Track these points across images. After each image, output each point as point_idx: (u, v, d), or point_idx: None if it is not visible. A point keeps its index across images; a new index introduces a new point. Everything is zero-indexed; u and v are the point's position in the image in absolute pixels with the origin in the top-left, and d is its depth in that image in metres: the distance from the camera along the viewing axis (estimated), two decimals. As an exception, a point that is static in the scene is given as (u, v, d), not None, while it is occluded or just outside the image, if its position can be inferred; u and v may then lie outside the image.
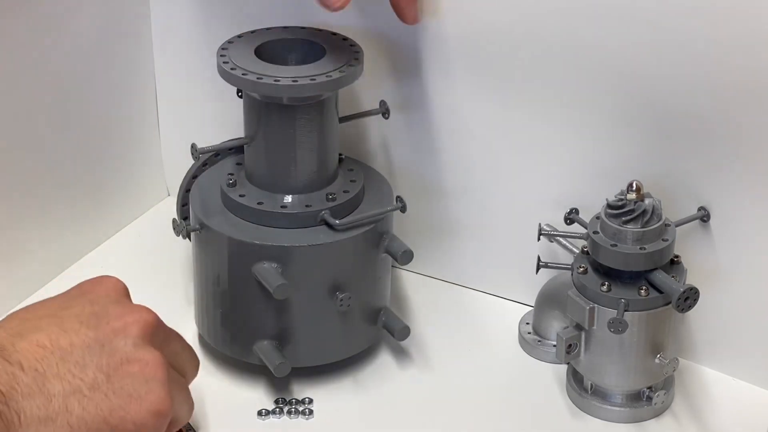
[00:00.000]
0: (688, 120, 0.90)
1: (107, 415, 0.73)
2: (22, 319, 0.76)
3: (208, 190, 0.95)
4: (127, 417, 0.74)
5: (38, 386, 0.72)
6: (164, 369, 0.76)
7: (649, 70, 0.89)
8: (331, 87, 0.89)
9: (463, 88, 0.97)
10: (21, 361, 0.72)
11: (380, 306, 0.95)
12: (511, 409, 0.93)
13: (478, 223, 1.02)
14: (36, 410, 0.71)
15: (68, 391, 0.73)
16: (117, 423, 0.74)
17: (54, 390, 0.72)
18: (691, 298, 0.86)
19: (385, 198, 0.95)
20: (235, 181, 0.93)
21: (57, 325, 0.75)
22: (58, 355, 0.73)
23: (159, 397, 0.75)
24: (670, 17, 0.86)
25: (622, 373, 0.90)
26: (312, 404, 0.93)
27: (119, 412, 0.74)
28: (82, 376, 0.73)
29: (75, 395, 0.73)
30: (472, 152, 1.00)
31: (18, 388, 0.71)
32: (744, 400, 0.94)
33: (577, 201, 0.95)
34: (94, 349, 0.75)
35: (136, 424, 0.74)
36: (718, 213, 0.92)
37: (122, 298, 0.81)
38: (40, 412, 0.71)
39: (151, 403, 0.75)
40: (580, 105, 0.93)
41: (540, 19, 0.91)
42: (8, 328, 0.75)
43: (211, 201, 0.93)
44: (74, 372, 0.73)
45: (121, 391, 0.74)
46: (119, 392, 0.74)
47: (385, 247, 0.93)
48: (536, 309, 0.99)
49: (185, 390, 0.81)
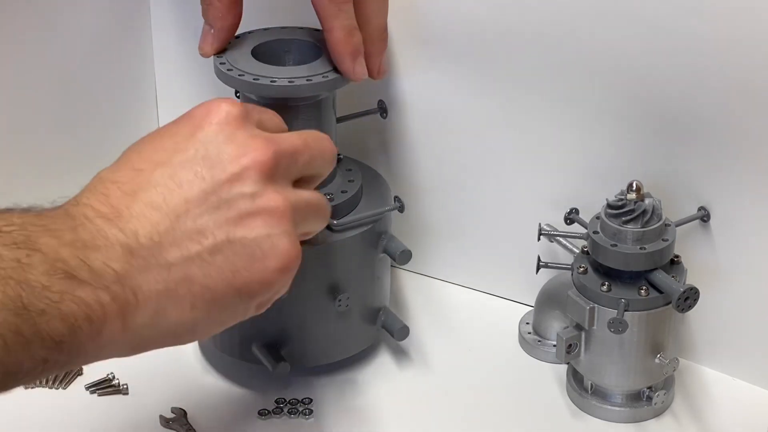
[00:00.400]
0: (688, 120, 0.90)
1: (231, 278, 0.67)
2: (136, 171, 0.69)
3: None
4: (252, 278, 0.68)
5: (155, 257, 0.66)
6: (289, 216, 0.70)
7: (650, 69, 0.89)
8: (327, 87, 0.89)
9: (462, 87, 0.97)
10: (137, 231, 0.66)
11: (379, 306, 0.95)
12: (511, 409, 0.93)
13: (477, 222, 1.02)
14: (154, 284, 0.65)
15: (187, 257, 0.66)
16: (242, 285, 0.68)
17: (172, 259, 0.66)
18: (691, 298, 0.86)
19: (384, 198, 0.95)
20: None
21: (170, 178, 0.68)
22: (174, 218, 0.67)
23: (284, 251, 0.69)
24: (670, 17, 0.86)
25: (622, 373, 0.90)
26: (312, 404, 0.93)
27: (243, 274, 0.68)
28: (201, 239, 0.67)
29: (195, 262, 0.67)
30: (472, 152, 0.99)
31: (134, 262, 0.65)
32: (744, 400, 0.94)
33: (577, 201, 0.95)
34: (210, 206, 0.68)
35: (263, 284, 0.69)
36: (718, 213, 0.92)
37: (237, 130, 0.71)
38: (159, 286, 0.65)
39: (276, 260, 0.69)
40: (581, 105, 0.93)
41: (541, 19, 0.91)
42: (121, 182, 0.68)
43: None
44: (191, 235, 0.67)
45: (244, 251, 0.68)
46: (241, 252, 0.68)
47: (383, 247, 0.92)
48: (536, 309, 0.99)
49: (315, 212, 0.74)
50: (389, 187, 0.96)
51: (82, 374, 0.95)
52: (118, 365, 0.95)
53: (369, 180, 0.96)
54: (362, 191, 0.94)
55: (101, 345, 0.64)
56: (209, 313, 0.68)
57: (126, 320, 0.64)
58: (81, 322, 0.62)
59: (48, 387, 0.94)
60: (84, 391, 0.94)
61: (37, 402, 0.93)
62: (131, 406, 0.93)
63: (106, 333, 0.63)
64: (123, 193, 0.67)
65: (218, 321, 0.70)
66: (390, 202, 0.94)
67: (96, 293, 0.63)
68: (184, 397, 0.93)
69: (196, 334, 0.70)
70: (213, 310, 0.68)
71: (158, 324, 0.66)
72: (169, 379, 0.95)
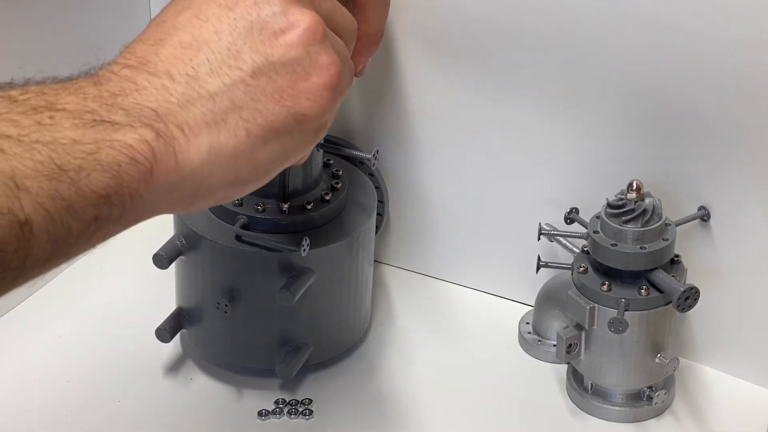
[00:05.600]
0: (688, 119, 0.90)
1: (279, 99, 0.65)
2: (158, 24, 0.66)
3: None
4: (299, 96, 0.66)
5: (195, 91, 0.63)
6: (322, 30, 0.67)
7: (650, 69, 0.89)
8: None
9: (463, 87, 0.97)
10: (169, 70, 0.63)
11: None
12: (511, 409, 0.93)
13: (477, 222, 1.02)
14: (201, 116, 0.63)
15: (229, 84, 0.64)
16: (291, 104, 0.66)
17: (213, 88, 0.64)
18: (692, 297, 0.86)
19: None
20: None
21: (195, 17, 0.66)
22: (206, 49, 0.64)
23: (326, 66, 0.67)
24: (671, 16, 0.86)
25: (623, 372, 0.90)
26: (312, 404, 0.93)
27: (290, 93, 0.66)
28: (239, 64, 0.65)
29: (239, 87, 0.64)
30: (472, 151, 0.99)
31: (173, 99, 0.62)
32: (744, 399, 0.94)
33: (577, 200, 0.95)
34: (241, 30, 0.65)
35: (312, 101, 0.67)
36: (718, 212, 0.92)
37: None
38: (206, 118, 0.63)
39: (319, 76, 0.67)
40: (581, 104, 0.93)
41: (541, 17, 0.91)
42: (146, 39, 0.65)
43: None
44: (229, 62, 0.65)
45: (285, 70, 0.66)
46: (283, 72, 0.66)
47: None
48: (536, 309, 0.99)
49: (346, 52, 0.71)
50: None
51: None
52: (119, 364, 0.96)
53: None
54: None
55: (156, 189, 0.60)
56: (267, 140, 0.66)
57: (178, 158, 0.61)
58: (126, 167, 0.59)
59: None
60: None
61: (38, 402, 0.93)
62: (132, 405, 0.93)
63: (158, 174, 0.60)
64: (148, 45, 0.65)
65: (279, 150, 0.67)
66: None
67: (137, 132, 0.60)
68: (184, 398, 0.93)
69: (258, 171, 0.66)
70: (270, 135, 0.66)
71: (216, 161, 0.63)
72: (169, 379, 0.95)
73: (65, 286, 1.04)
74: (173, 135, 0.61)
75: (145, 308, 1.00)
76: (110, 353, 0.97)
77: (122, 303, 1.02)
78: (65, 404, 0.93)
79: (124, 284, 1.04)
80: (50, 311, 1.01)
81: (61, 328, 0.99)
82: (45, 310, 1.01)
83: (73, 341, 0.98)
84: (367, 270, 0.95)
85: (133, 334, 0.98)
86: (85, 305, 1.02)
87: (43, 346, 0.98)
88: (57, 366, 0.96)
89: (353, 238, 0.92)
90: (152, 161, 0.60)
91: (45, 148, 0.57)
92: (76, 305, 1.02)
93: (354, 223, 0.93)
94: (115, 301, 1.03)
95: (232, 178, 0.65)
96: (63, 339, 0.99)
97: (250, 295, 0.91)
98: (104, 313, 1.01)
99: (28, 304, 1.02)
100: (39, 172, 0.56)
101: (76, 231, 0.57)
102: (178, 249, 0.92)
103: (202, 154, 0.63)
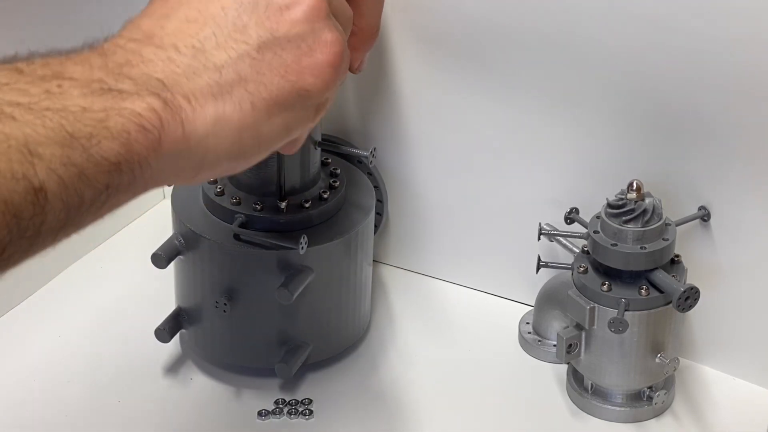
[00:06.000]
0: (688, 119, 0.90)
1: (284, 73, 0.66)
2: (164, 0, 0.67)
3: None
4: (303, 72, 0.67)
5: (201, 63, 0.64)
6: (326, 8, 0.68)
7: (650, 69, 0.89)
8: None
9: (463, 86, 0.97)
10: (175, 43, 0.64)
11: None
12: (511, 409, 0.93)
13: (477, 222, 1.02)
14: (206, 88, 0.64)
15: (235, 58, 0.65)
16: (295, 80, 0.67)
17: (220, 61, 0.65)
18: (692, 297, 0.86)
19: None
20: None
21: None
22: (213, 24, 0.65)
23: (329, 43, 0.68)
24: (671, 16, 0.86)
25: (623, 372, 0.90)
26: (312, 404, 0.93)
27: (294, 68, 0.67)
28: (245, 38, 0.66)
29: (245, 60, 0.65)
30: (471, 151, 0.99)
31: (179, 70, 0.63)
32: (744, 399, 0.94)
33: (577, 200, 0.95)
34: (247, 5, 0.66)
35: (315, 77, 0.67)
36: (718, 212, 0.92)
37: None
38: (212, 89, 0.64)
39: (323, 53, 0.68)
40: (581, 104, 0.93)
41: (541, 17, 0.91)
42: (151, 13, 0.66)
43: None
44: (235, 36, 0.66)
45: (290, 46, 0.67)
46: (288, 47, 0.67)
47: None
48: (536, 309, 0.99)
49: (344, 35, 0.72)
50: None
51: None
52: (119, 364, 0.96)
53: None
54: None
55: (164, 158, 0.61)
56: (270, 114, 0.66)
57: (185, 128, 0.62)
58: (135, 135, 0.59)
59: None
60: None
61: (38, 400, 0.93)
62: (132, 405, 0.93)
63: (166, 142, 0.61)
64: (154, 20, 0.66)
65: (281, 124, 0.67)
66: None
67: (145, 100, 0.60)
68: (183, 398, 0.93)
69: (261, 144, 0.67)
70: (273, 109, 0.66)
71: (221, 132, 0.64)
72: (169, 379, 0.95)
73: (65, 286, 1.04)
74: (180, 105, 0.62)
75: (145, 308, 1.00)
76: (110, 353, 0.97)
77: (122, 303, 1.02)
78: (65, 404, 0.93)
79: (123, 284, 1.04)
80: (50, 311, 1.01)
81: (61, 328, 1.00)
82: (45, 310, 1.01)
83: (73, 341, 0.98)
84: (365, 269, 0.95)
85: (133, 334, 0.98)
86: (85, 305, 1.02)
87: (43, 346, 0.98)
88: (57, 366, 0.96)
89: (351, 236, 0.92)
90: (160, 130, 0.60)
91: (55, 115, 0.57)
92: (76, 305, 1.02)
93: (352, 221, 0.93)
94: (115, 301, 1.03)
95: (236, 150, 0.65)
96: (63, 339, 0.99)
97: (248, 294, 0.91)
98: (104, 313, 1.01)
99: (28, 304, 1.02)
100: (51, 139, 0.56)
101: (89, 199, 0.58)
102: (176, 248, 0.92)
103: (207, 125, 0.63)
